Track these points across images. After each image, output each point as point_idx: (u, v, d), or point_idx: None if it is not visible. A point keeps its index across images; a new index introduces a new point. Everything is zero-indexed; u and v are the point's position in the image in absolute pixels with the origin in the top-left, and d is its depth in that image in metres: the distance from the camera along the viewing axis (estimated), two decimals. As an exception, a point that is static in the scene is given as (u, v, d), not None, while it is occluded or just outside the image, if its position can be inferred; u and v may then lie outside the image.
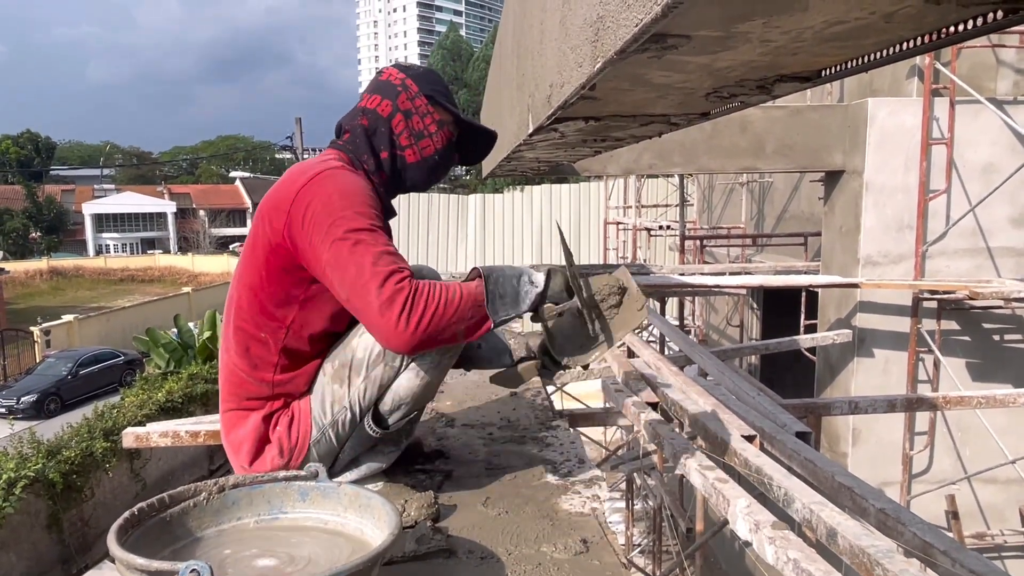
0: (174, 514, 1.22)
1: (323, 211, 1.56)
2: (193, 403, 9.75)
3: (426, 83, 1.79)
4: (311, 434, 1.73)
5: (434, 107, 1.78)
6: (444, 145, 1.79)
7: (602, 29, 1.01)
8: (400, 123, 1.75)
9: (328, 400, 1.73)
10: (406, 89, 1.77)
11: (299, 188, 1.60)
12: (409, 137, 1.75)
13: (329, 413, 1.73)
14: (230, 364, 1.74)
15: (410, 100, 1.76)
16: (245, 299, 1.69)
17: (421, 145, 1.76)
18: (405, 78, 1.79)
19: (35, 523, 7.13)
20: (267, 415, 1.73)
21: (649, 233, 12.12)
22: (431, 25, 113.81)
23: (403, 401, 1.74)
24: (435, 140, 1.77)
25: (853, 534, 1.42)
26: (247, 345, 1.70)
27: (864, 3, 0.82)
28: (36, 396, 17.30)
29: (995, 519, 5.99)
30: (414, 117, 1.76)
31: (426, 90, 1.78)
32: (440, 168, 1.81)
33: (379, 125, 1.75)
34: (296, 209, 1.58)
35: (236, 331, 1.72)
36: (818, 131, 5.87)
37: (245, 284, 1.70)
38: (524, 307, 1.62)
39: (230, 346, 1.74)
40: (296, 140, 21.43)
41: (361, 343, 1.71)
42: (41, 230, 49.47)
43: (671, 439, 2.05)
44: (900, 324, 5.83)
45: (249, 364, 1.71)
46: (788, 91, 1.31)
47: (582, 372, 1.89)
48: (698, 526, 3.21)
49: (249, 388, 1.73)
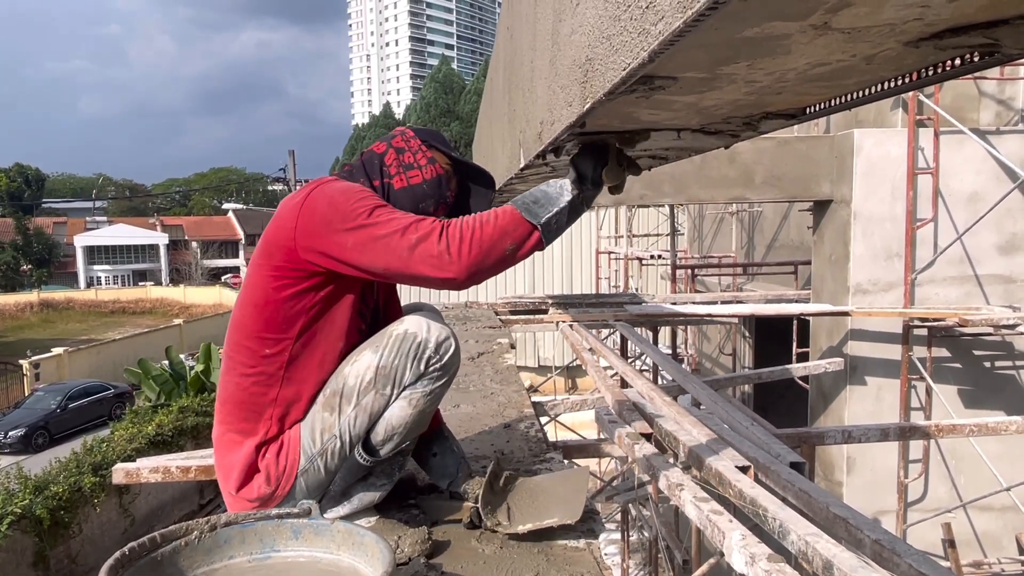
0: (165, 553, 1.21)
1: (332, 209, 1.62)
2: (184, 436, 9.63)
3: (425, 134, 1.91)
4: (299, 463, 1.73)
5: (428, 148, 1.86)
6: (433, 177, 1.84)
7: (591, 71, 1.03)
8: (391, 156, 1.85)
9: (318, 428, 1.73)
10: (403, 135, 1.90)
11: (302, 201, 1.66)
12: (398, 167, 1.83)
13: (319, 442, 1.72)
14: (231, 384, 1.75)
15: (404, 141, 1.87)
16: (250, 318, 1.72)
17: (409, 174, 1.83)
18: (406, 130, 1.92)
19: (21, 560, 6.98)
20: (260, 443, 1.73)
21: (641, 262, 12.17)
22: (423, 59, 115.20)
23: (396, 431, 1.74)
24: (424, 171, 1.83)
25: (849, 567, 1.42)
26: (252, 363, 1.71)
27: (845, 46, 0.84)
28: (24, 430, 17.04)
29: (992, 547, 5.96)
30: (406, 153, 1.85)
31: (422, 136, 1.89)
32: (427, 197, 1.84)
33: (373, 159, 1.85)
34: (304, 218, 1.64)
35: (241, 349, 1.73)
36: (806, 161, 5.95)
37: (250, 303, 1.72)
38: (564, 198, 1.59)
39: (234, 366, 1.75)
40: (289, 172, 21.54)
41: (353, 371, 1.72)
42: (32, 262, 49.27)
43: (665, 470, 2.04)
44: (891, 352, 5.86)
45: (252, 382, 1.72)
46: (774, 128, 1.34)
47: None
48: (694, 557, 3.19)
49: (249, 407, 1.73)
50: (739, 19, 0.72)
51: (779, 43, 0.81)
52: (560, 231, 1.62)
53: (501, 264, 1.58)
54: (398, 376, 1.74)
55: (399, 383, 1.74)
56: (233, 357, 1.75)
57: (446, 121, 65.71)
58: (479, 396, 3.36)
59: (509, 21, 2.69)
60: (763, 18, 0.72)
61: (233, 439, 1.75)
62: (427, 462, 2.01)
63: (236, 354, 1.74)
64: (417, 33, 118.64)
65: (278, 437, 1.74)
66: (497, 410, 3.15)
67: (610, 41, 0.93)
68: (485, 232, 1.55)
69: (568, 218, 1.61)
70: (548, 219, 1.58)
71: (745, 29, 0.76)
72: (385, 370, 1.71)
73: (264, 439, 1.73)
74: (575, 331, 4.98)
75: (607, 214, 15.30)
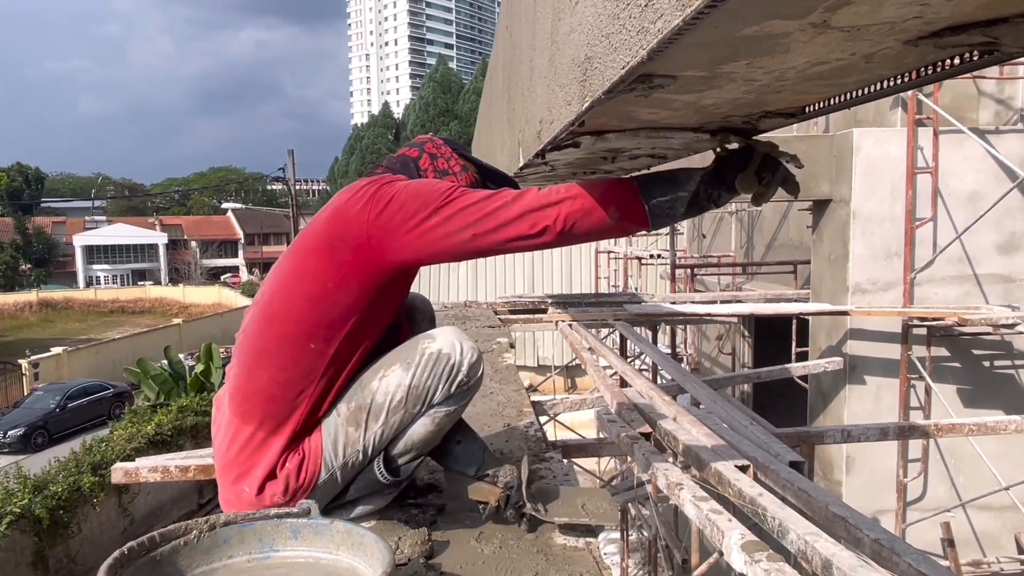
0: (164, 553, 1.21)
1: (410, 196, 1.62)
2: (183, 436, 9.64)
3: (453, 144, 1.97)
4: (319, 476, 1.70)
5: (458, 155, 1.92)
6: (468, 184, 1.86)
7: (590, 70, 1.03)
8: (426, 161, 1.89)
9: (341, 442, 1.70)
10: (433, 142, 1.95)
11: (373, 193, 1.65)
12: (434, 172, 1.87)
13: (341, 455, 1.70)
14: (263, 378, 1.68)
15: (435, 148, 1.92)
16: (302, 311, 1.66)
17: (446, 180, 1.83)
18: (434, 137, 1.97)
19: (20, 560, 6.98)
20: (284, 446, 1.68)
21: (640, 262, 12.18)
22: (422, 58, 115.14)
23: (415, 446, 1.75)
24: (459, 179, 1.87)
25: (848, 566, 1.42)
26: (295, 357, 1.66)
27: (844, 45, 0.84)
28: (23, 430, 17.04)
29: (991, 546, 5.96)
30: (439, 159, 1.90)
31: (452, 145, 1.95)
32: None
33: (408, 162, 1.88)
34: (381, 211, 1.62)
35: (283, 342, 1.67)
36: (805, 161, 5.87)
37: (303, 296, 1.66)
38: (688, 188, 1.47)
39: (270, 359, 1.68)
40: (288, 172, 21.53)
41: (382, 387, 1.69)
42: (31, 262, 49.24)
43: (664, 470, 2.04)
44: (891, 351, 5.86)
45: (290, 377, 1.66)
46: (773, 126, 1.34)
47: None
48: (693, 557, 3.19)
49: (278, 404, 1.67)
50: (738, 17, 0.72)
51: (778, 42, 0.81)
52: (674, 219, 1.53)
53: (600, 231, 1.55)
54: (428, 396, 1.72)
55: (428, 402, 1.73)
56: (270, 350, 1.68)
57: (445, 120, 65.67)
58: (478, 395, 3.35)
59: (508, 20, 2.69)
60: (762, 16, 0.72)
61: (254, 435, 1.68)
62: (451, 451, 1.96)
63: (276, 347, 1.68)
64: (416, 32, 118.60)
65: (299, 442, 1.70)
66: (496, 409, 3.15)
67: (609, 39, 0.92)
68: (585, 192, 1.52)
69: (687, 209, 1.50)
70: (660, 201, 1.49)
71: (744, 27, 0.75)
72: (417, 390, 1.70)
73: (288, 440, 1.68)
74: (574, 330, 4.98)
75: (606, 213, 15.27)
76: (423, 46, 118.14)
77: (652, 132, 1.45)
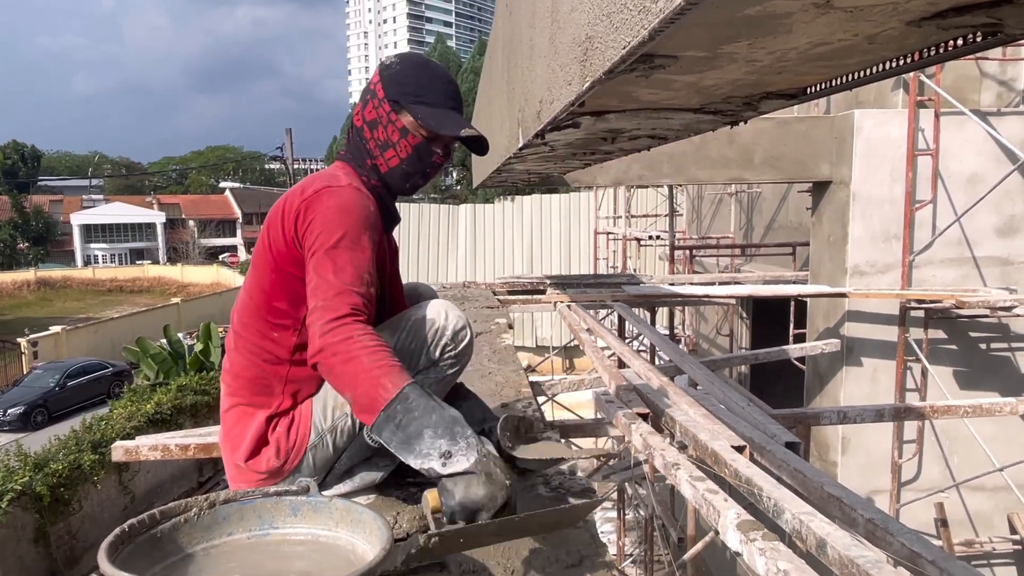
0: (164, 530, 1.22)
1: (319, 221, 1.60)
2: (182, 415, 9.67)
3: (395, 84, 1.74)
4: (309, 437, 1.73)
5: (397, 114, 1.73)
6: (409, 155, 1.75)
7: (591, 49, 1.02)
8: (369, 133, 1.77)
9: (330, 405, 1.73)
10: (374, 95, 1.75)
11: (305, 199, 1.65)
12: (377, 147, 1.76)
13: (330, 418, 1.73)
14: (242, 360, 1.75)
15: (376, 108, 1.75)
16: (256, 300, 1.72)
17: (387, 156, 1.76)
18: (379, 80, 1.76)
19: (22, 537, 7.04)
20: (271, 416, 1.73)
21: (639, 243, 12.16)
22: (421, 36, 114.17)
23: None
24: (399, 150, 1.74)
25: (843, 545, 1.43)
26: (260, 343, 1.72)
27: (847, 25, 0.84)
28: (23, 408, 17.12)
29: (983, 526, 6.02)
30: (379, 128, 1.75)
31: (392, 94, 1.73)
32: (414, 175, 1.79)
33: (359, 135, 1.79)
34: (301, 217, 1.63)
35: (250, 330, 1.74)
36: (805, 142, 5.92)
37: (257, 287, 1.73)
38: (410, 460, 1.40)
39: (244, 344, 1.75)
40: (286, 151, 21.42)
41: None
42: (29, 241, 49.11)
43: (662, 450, 2.05)
44: (888, 333, 5.88)
45: (263, 360, 1.72)
46: (774, 108, 1.33)
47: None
48: (689, 536, 3.22)
49: (261, 383, 1.73)
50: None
51: (780, 22, 0.80)
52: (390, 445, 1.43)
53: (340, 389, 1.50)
54: (413, 360, 1.74)
55: (413, 367, 1.74)
56: (242, 335, 1.75)
57: (444, 99, 65.02)
58: (477, 376, 3.37)
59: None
60: (765, -4, 0.72)
61: (244, 411, 1.74)
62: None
63: (245, 333, 1.74)
64: (415, 10, 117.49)
65: (290, 411, 1.74)
66: (495, 390, 3.16)
67: (610, 19, 0.92)
68: (354, 367, 1.43)
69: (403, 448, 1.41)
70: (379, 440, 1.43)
71: (746, 7, 0.75)
72: (401, 353, 1.69)
73: (276, 412, 1.74)
74: (573, 311, 4.99)
75: (605, 194, 15.26)
76: (421, 24, 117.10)
77: (652, 113, 1.44)
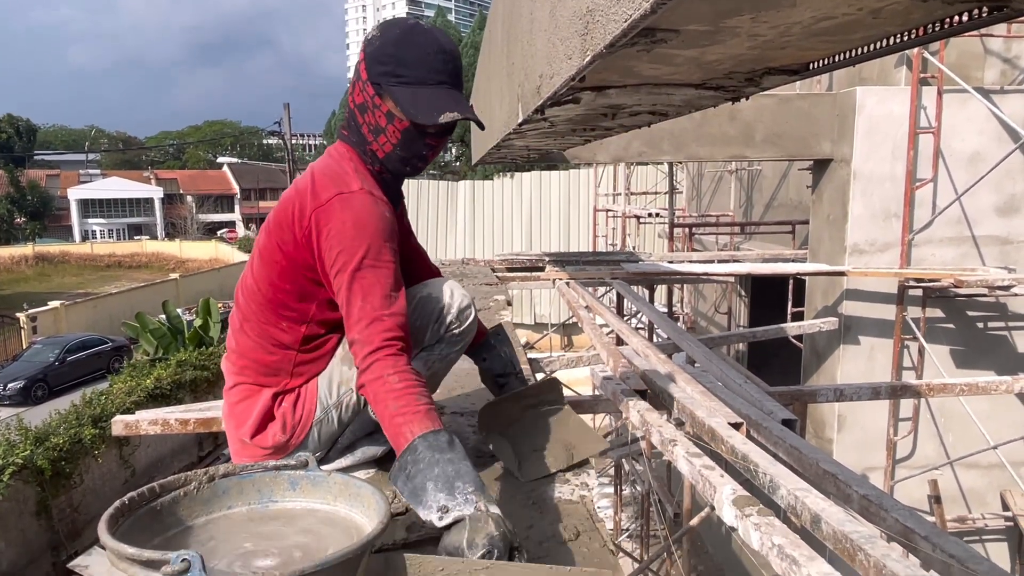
0: (164, 503, 1.22)
1: (337, 239, 1.56)
2: (182, 390, 9.70)
3: (376, 64, 1.62)
4: (315, 412, 1.74)
5: (381, 98, 1.63)
6: (399, 140, 1.65)
7: (592, 22, 1.01)
8: (361, 118, 1.68)
9: (336, 380, 1.74)
10: (359, 77, 1.66)
11: (319, 206, 1.59)
12: (370, 132, 1.67)
13: (335, 393, 1.74)
14: (250, 343, 1.74)
15: (362, 92, 1.66)
16: (266, 291, 1.71)
17: (380, 141, 1.68)
18: (363, 59, 1.65)
19: (23, 510, 7.10)
20: (278, 392, 1.74)
21: (638, 220, 12.13)
22: (420, 10, 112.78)
23: None
24: (389, 135, 1.65)
25: (837, 520, 1.45)
26: (269, 330, 1.72)
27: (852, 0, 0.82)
28: (23, 382, 17.18)
29: (976, 503, 6.08)
30: (368, 112, 1.66)
31: (373, 75, 1.62)
32: (412, 159, 1.71)
33: (354, 119, 1.72)
34: (316, 229, 1.59)
35: (257, 315, 1.73)
36: (807, 119, 5.88)
37: (265, 277, 1.70)
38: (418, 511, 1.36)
39: (251, 328, 1.74)
40: (284, 126, 21.28)
41: None
42: (26, 215, 48.93)
43: (659, 426, 2.07)
44: (886, 312, 5.89)
45: (272, 344, 1.73)
46: (777, 84, 1.32)
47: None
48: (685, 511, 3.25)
49: (269, 366, 1.73)
50: (744, -31, 0.70)
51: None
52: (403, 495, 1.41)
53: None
54: (418, 337, 1.74)
55: (419, 343, 1.74)
56: (250, 320, 1.74)
57: (443, 75, 64.42)
58: (475, 352, 3.37)
59: (508, -29, 2.63)
60: (769, -32, 0.70)
61: (250, 388, 1.75)
62: (489, 357, 2.16)
63: (254, 318, 1.73)
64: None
65: (296, 389, 1.75)
66: (493, 366, 3.16)
67: (612, -9, 0.90)
68: (380, 410, 1.46)
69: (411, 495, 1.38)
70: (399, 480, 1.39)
71: (750, -20, 0.74)
72: None
73: (283, 390, 1.75)
74: (571, 288, 4.99)
75: (605, 171, 15.19)
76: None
77: (654, 88, 1.42)
